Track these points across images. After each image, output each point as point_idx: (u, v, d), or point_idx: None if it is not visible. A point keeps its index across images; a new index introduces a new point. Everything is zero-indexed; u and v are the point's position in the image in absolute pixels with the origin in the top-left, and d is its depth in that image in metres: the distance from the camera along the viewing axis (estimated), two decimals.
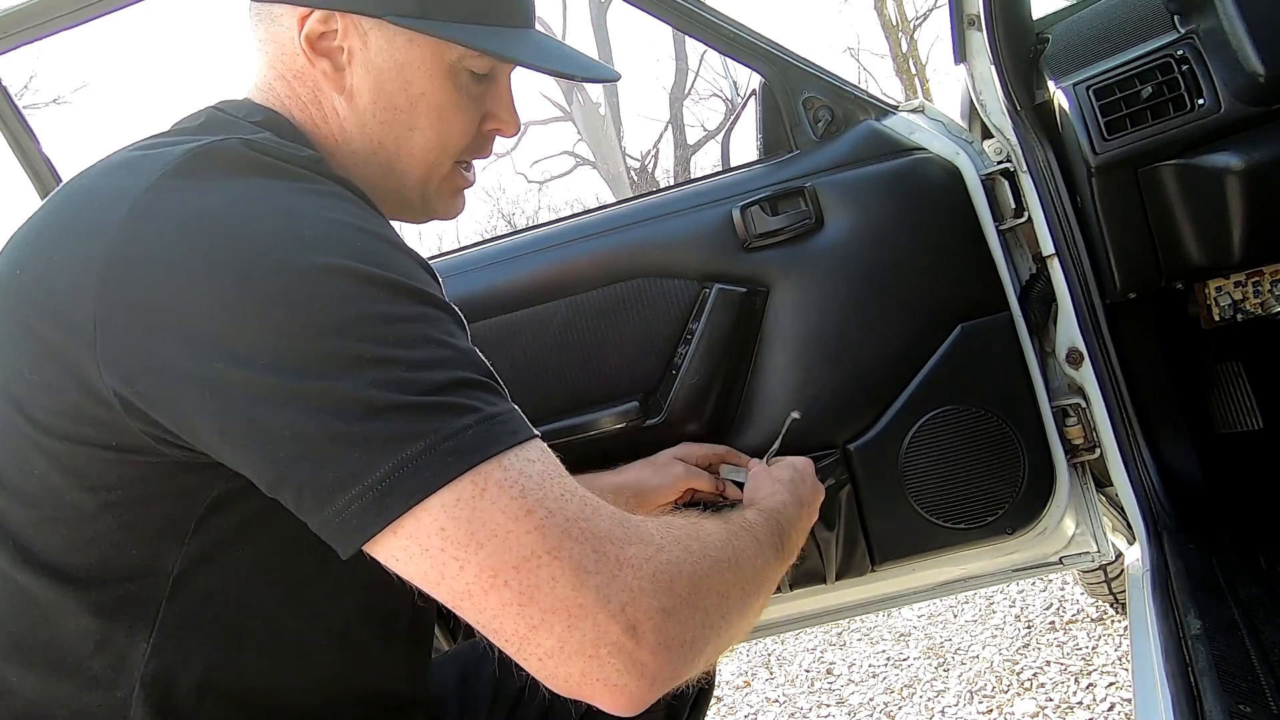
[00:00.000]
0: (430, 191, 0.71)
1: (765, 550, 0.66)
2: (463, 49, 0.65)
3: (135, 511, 0.53)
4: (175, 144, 0.55)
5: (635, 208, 1.15)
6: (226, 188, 0.52)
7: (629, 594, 0.47)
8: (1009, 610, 2.12)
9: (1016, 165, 1.08)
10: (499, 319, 1.13)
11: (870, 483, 1.08)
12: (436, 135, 0.68)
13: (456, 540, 0.46)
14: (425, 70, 0.65)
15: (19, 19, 1.13)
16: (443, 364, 0.50)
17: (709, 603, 0.52)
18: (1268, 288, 1.07)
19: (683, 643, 0.49)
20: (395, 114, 0.66)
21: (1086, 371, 1.07)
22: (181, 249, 0.49)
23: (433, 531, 0.46)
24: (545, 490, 0.48)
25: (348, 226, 0.52)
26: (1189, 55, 0.97)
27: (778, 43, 1.13)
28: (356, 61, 0.65)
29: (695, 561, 0.53)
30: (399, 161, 0.68)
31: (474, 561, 0.46)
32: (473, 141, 0.71)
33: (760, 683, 2.20)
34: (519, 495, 0.47)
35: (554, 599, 0.46)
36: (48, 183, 1.29)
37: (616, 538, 0.49)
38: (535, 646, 0.47)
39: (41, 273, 0.52)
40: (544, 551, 0.46)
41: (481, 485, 0.47)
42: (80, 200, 0.54)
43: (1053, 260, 1.07)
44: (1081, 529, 1.12)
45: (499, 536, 0.46)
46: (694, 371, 1.08)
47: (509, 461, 0.48)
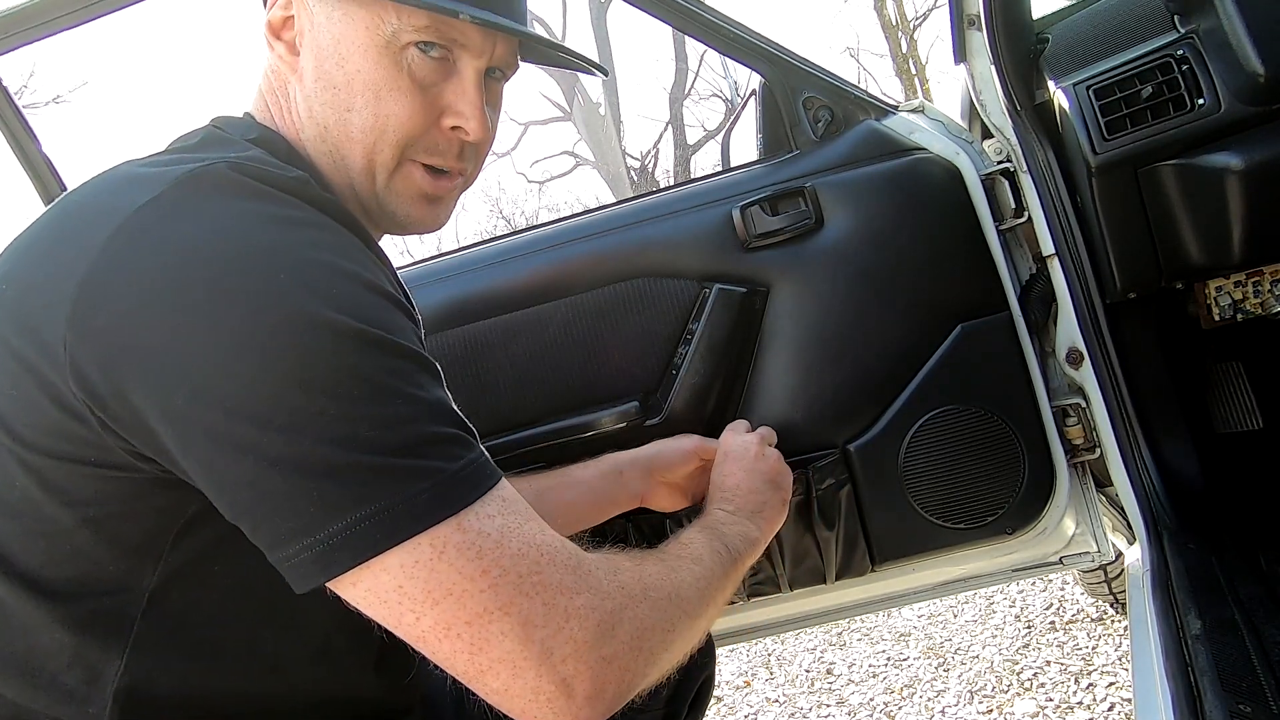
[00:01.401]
0: (381, 188, 0.67)
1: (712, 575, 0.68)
2: (397, 23, 0.62)
3: (113, 527, 0.53)
4: (168, 166, 0.54)
5: (635, 208, 1.15)
6: (207, 217, 0.51)
7: (572, 646, 0.51)
8: (1009, 610, 2.12)
9: (1016, 165, 1.08)
10: (499, 319, 1.13)
11: (870, 483, 1.08)
12: (373, 115, 0.63)
13: (413, 596, 0.49)
14: (359, 44, 0.62)
15: (19, 19, 1.13)
16: (409, 420, 0.50)
17: (651, 642, 0.56)
18: (1268, 288, 1.07)
19: (619, 686, 0.53)
20: (335, 93, 0.64)
21: (1086, 371, 1.07)
22: (155, 280, 0.49)
23: (390, 587, 0.49)
24: (501, 549, 0.50)
25: (324, 268, 0.52)
26: (1189, 55, 0.97)
27: (778, 43, 1.13)
28: (306, 41, 0.65)
29: (638, 604, 0.56)
30: (342, 147, 0.65)
31: (430, 616, 0.49)
32: (426, 135, 0.66)
33: (760, 683, 2.20)
34: (475, 557, 0.49)
35: (501, 651, 0.49)
36: (48, 183, 1.29)
37: (567, 588, 0.52)
38: (482, 685, 0.51)
39: (23, 289, 0.52)
40: (495, 608, 0.49)
41: (439, 548, 0.49)
42: (70, 218, 0.54)
43: (1053, 260, 1.07)
44: (1081, 529, 1.12)
45: (454, 595, 0.49)
46: (694, 371, 1.08)
47: (468, 522, 0.50)
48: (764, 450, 0.94)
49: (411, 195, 0.68)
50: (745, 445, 0.93)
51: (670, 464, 0.98)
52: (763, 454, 0.92)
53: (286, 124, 0.67)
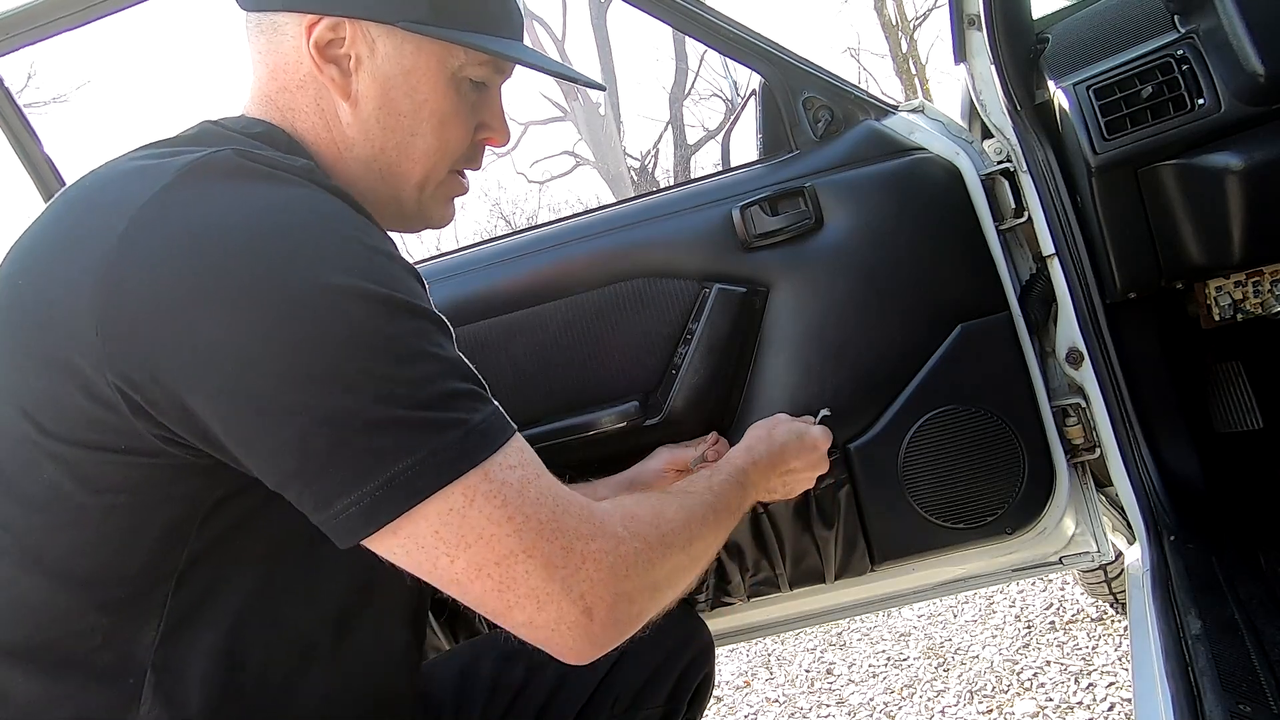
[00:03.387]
0: (426, 198, 0.73)
1: (721, 517, 0.76)
2: (464, 58, 0.68)
3: (142, 514, 0.55)
4: (174, 155, 0.56)
5: (635, 208, 1.15)
6: (225, 199, 0.53)
7: (589, 584, 0.56)
8: (1009, 610, 2.12)
9: (1016, 165, 1.08)
10: (499, 319, 1.13)
11: (870, 482, 1.08)
12: (438, 141, 0.69)
13: (448, 540, 0.53)
14: (430, 77, 0.67)
15: (21, 20, 1.13)
16: (435, 377, 0.54)
17: (659, 579, 0.62)
18: (1268, 288, 1.07)
19: (631, 615, 0.59)
20: (399, 119, 0.68)
21: (1086, 371, 1.07)
22: (184, 261, 0.51)
23: (428, 533, 0.52)
24: (524, 496, 0.55)
25: (346, 240, 0.55)
26: (1189, 55, 0.97)
27: (778, 43, 1.13)
28: (364, 69, 0.66)
29: (651, 549, 0.61)
30: (399, 167, 0.70)
31: (463, 558, 0.53)
32: (467, 150, 0.73)
33: (760, 683, 2.20)
34: (501, 504, 0.54)
35: (527, 588, 0.54)
36: (49, 183, 1.29)
37: (583, 534, 0.57)
38: (509, 620, 0.55)
39: (41, 284, 0.54)
40: (520, 550, 0.54)
41: (470, 495, 0.53)
42: (79, 211, 0.55)
43: (1053, 260, 1.07)
44: (1081, 529, 1.12)
45: (484, 539, 0.53)
46: (694, 371, 1.08)
47: (493, 471, 0.54)
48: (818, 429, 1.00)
49: (447, 199, 0.75)
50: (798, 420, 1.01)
51: (652, 481, 1.01)
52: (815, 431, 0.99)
53: (330, 138, 0.68)
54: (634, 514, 0.63)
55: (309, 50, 0.65)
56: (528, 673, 0.86)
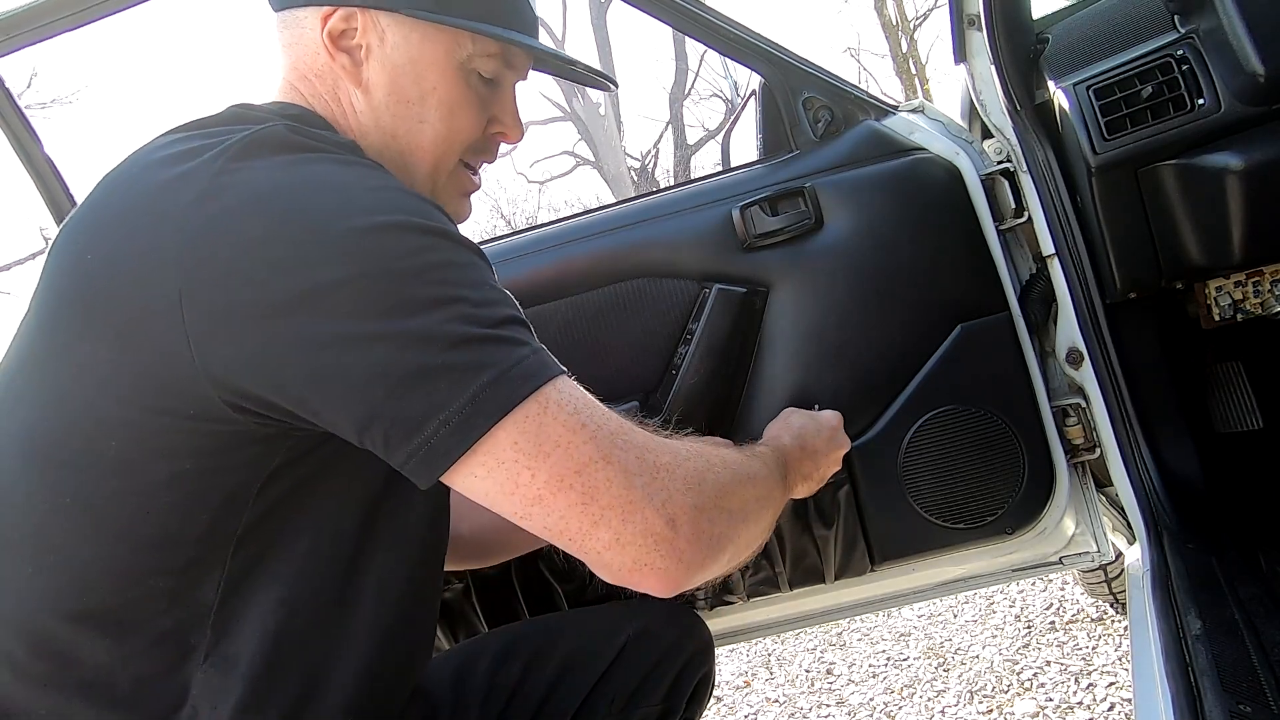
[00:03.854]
0: (438, 188, 0.75)
1: (773, 475, 0.76)
2: (472, 49, 0.70)
3: (206, 480, 0.57)
4: (224, 135, 0.59)
5: (635, 208, 1.15)
6: (287, 166, 0.57)
7: (668, 493, 0.57)
8: (1009, 610, 2.12)
9: (1016, 165, 1.08)
10: None
11: (870, 482, 1.08)
12: (446, 129, 0.71)
13: (528, 452, 0.54)
14: (437, 65, 0.69)
15: (21, 20, 1.13)
16: (498, 302, 0.57)
17: (731, 505, 0.62)
18: (1268, 288, 1.07)
19: (711, 536, 0.59)
20: (408, 107, 0.70)
21: (1086, 371, 1.07)
22: (257, 223, 0.53)
23: (507, 446, 0.54)
24: (591, 409, 0.57)
25: (398, 191, 0.59)
26: (1189, 55, 0.97)
27: (777, 43, 1.13)
28: (374, 57, 0.69)
29: (717, 471, 0.63)
30: (409, 155, 0.72)
31: (544, 469, 0.54)
32: (478, 143, 0.75)
33: (760, 683, 2.20)
34: (573, 413, 0.55)
35: (610, 497, 0.55)
36: (50, 184, 1.29)
37: (652, 447, 0.59)
38: (595, 540, 0.55)
39: (110, 259, 0.56)
40: (599, 458, 0.55)
41: (544, 405, 0.54)
42: (140, 189, 0.58)
43: (1053, 260, 1.07)
44: (1081, 529, 1.12)
45: (562, 447, 0.54)
46: (694, 371, 1.08)
47: (560, 384, 0.56)
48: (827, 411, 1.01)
49: (459, 193, 0.77)
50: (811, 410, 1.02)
51: None
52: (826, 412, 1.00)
53: (344, 126, 0.72)
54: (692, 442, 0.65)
55: (324, 40, 0.69)
56: (524, 671, 0.86)
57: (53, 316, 0.59)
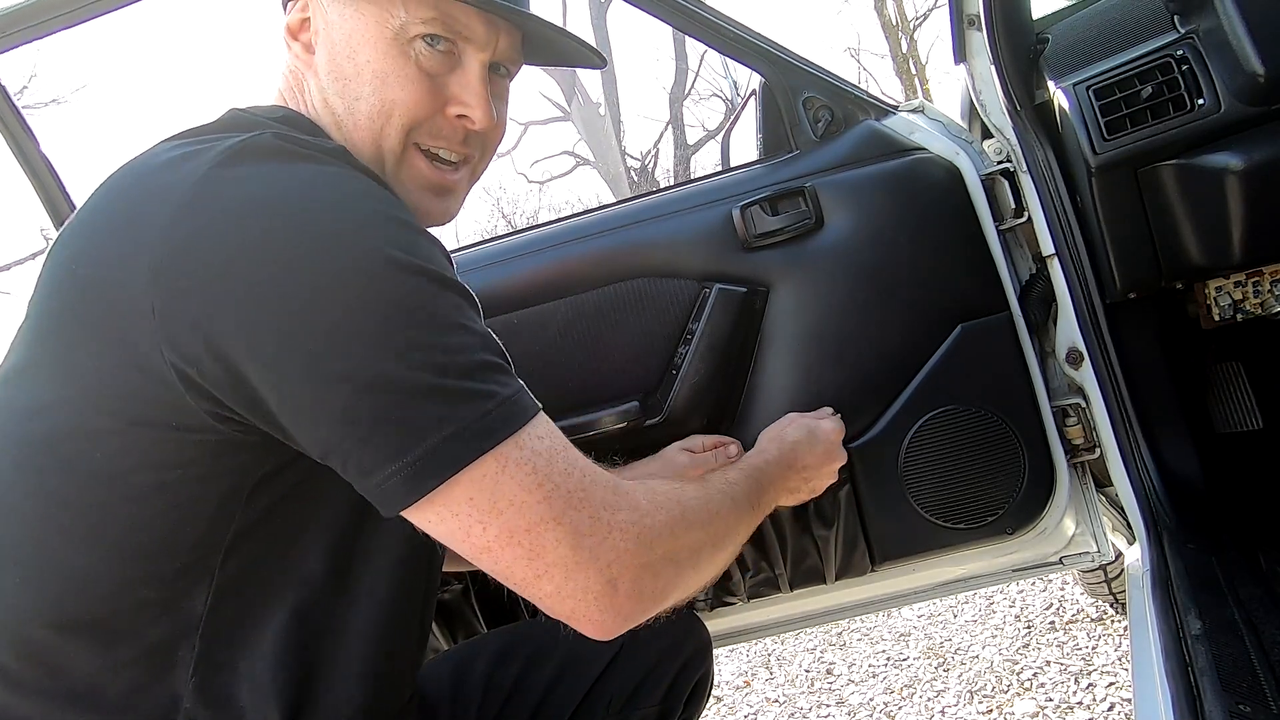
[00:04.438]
0: (390, 175, 0.70)
1: (740, 507, 0.77)
2: (405, 15, 0.66)
3: (192, 490, 0.57)
4: (216, 140, 0.58)
5: (635, 208, 1.15)
6: (271, 176, 0.56)
7: (615, 553, 0.57)
8: (1009, 610, 2.12)
9: (1016, 165, 1.08)
10: (499, 319, 1.12)
11: (870, 483, 1.07)
12: (379, 100, 0.67)
13: (481, 508, 0.54)
14: (368, 38, 0.67)
15: (17, 18, 1.13)
16: (471, 349, 0.56)
17: (682, 556, 0.63)
18: (1268, 288, 1.07)
19: (654, 591, 0.60)
20: (345, 83, 0.68)
21: (1086, 371, 1.07)
22: (237, 231, 0.53)
23: (462, 500, 0.54)
24: (553, 465, 0.57)
25: (385, 217, 0.57)
26: (1189, 55, 0.97)
27: (778, 43, 1.13)
28: (320, 39, 0.69)
29: (674, 524, 0.63)
30: (351, 135, 0.69)
31: (495, 524, 0.55)
32: (434, 123, 0.69)
33: (760, 683, 2.20)
34: (532, 471, 0.56)
35: (555, 556, 0.56)
36: (47, 183, 1.28)
37: (609, 504, 0.59)
38: (537, 589, 0.57)
39: (96, 266, 0.56)
40: (550, 518, 0.55)
41: (503, 463, 0.55)
42: (130, 195, 0.58)
43: (1053, 260, 1.07)
44: (1081, 529, 1.11)
45: (515, 505, 0.55)
46: (694, 371, 1.07)
47: (524, 440, 0.56)
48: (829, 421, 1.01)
49: (418, 185, 0.72)
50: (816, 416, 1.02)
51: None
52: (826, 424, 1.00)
53: (305, 113, 0.72)
54: (658, 490, 0.65)
55: (285, 33, 0.70)
56: (522, 672, 0.86)
57: (45, 325, 0.59)
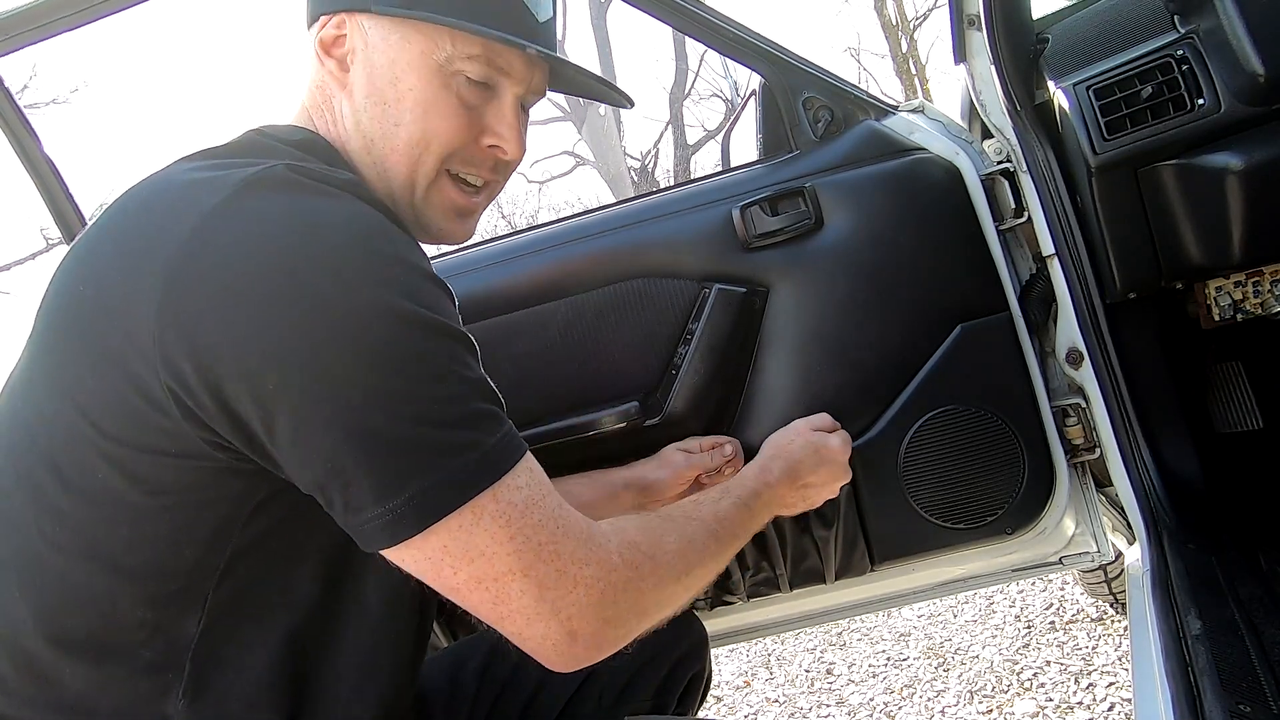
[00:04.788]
0: (419, 199, 0.72)
1: (724, 543, 0.77)
2: (452, 49, 0.68)
3: (190, 514, 0.58)
4: (230, 168, 0.58)
5: (635, 208, 1.15)
6: (280, 211, 0.56)
7: (578, 607, 0.59)
8: (1009, 610, 2.12)
9: (1016, 165, 1.08)
10: (499, 319, 1.13)
11: (870, 483, 1.08)
12: (420, 130, 0.69)
13: (453, 554, 0.56)
14: (413, 65, 0.68)
15: (21, 20, 1.13)
16: (460, 399, 0.57)
17: (647, 606, 0.64)
18: (1268, 288, 1.07)
19: (616, 639, 0.62)
20: (384, 108, 0.69)
21: (1086, 371, 1.07)
22: (239, 273, 0.53)
23: (436, 547, 0.56)
24: (526, 517, 0.58)
25: (390, 259, 0.57)
26: (1189, 55, 0.97)
27: (778, 43, 1.13)
28: (358, 59, 0.69)
29: (644, 578, 0.63)
30: (386, 159, 0.70)
31: (465, 570, 0.57)
32: (467, 151, 0.72)
33: (760, 683, 2.20)
34: (506, 523, 0.57)
35: (519, 605, 0.57)
36: (49, 183, 1.29)
37: (578, 558, 0.59)
38: (501, 627, 0.59)
39: (101, 287, 0.56)
40: (517, 570, 0.57)
41: (478, 515, 0.56)
42: (140, 218, 0.58)
43: (1053, 260, 1.07)
44: (1081, 529, 1.12)
45: (485, 556, 0.56)
46: (694, 371, 1.08)
47: (501, 492, 0.57)
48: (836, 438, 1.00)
49: (445, 208, 0.74)
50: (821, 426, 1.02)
51: (663, 489, 1.02)
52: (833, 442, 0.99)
53: (332, 135, 0.72)
54: (633, 541, 0.65)
55: (316, 48, 0.70)
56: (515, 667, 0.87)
57: (51, 339, 0.59)
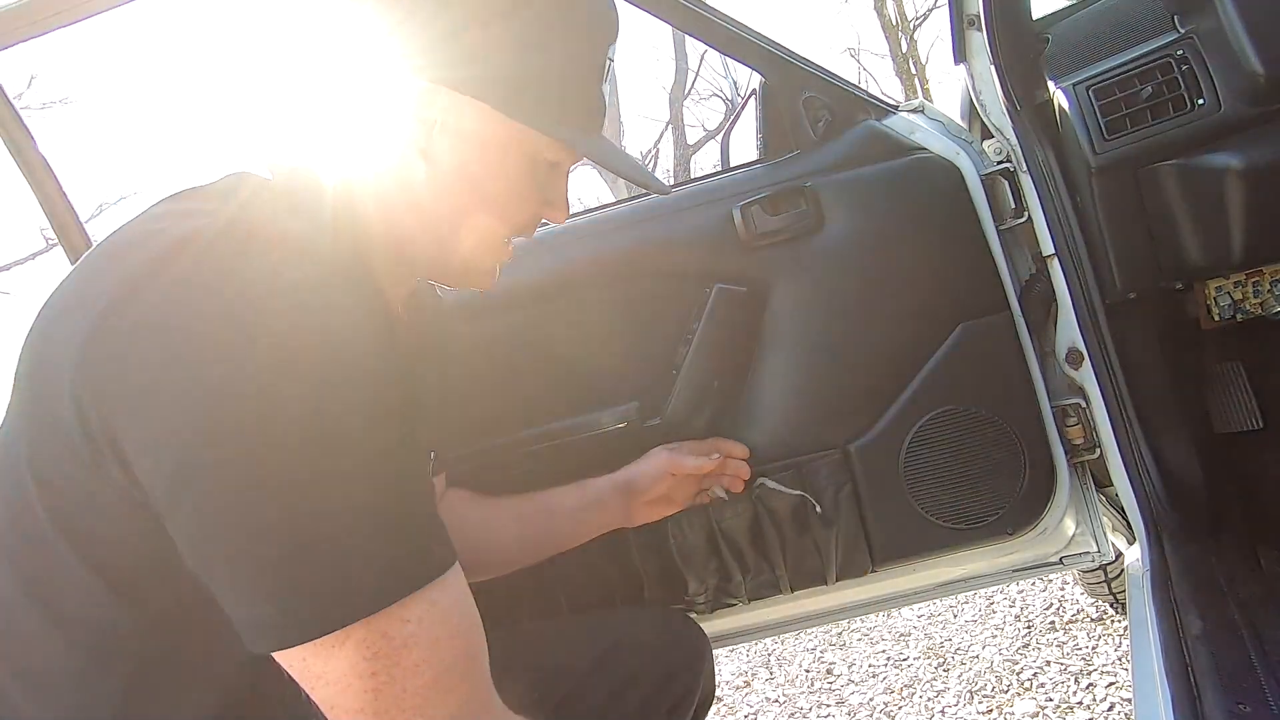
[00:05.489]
0: (473, 263, 0.73)
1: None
2: (544, 141, 0.68)
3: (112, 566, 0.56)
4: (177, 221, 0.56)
5: (635, 208, 1.15)
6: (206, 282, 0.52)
7: None
8: (1009, 610, 2.12)
9: (1016, 165, 1.08)
10: (499, 319, 1.12)
11: (871, 483, 1.07)
12: (503, 213, 0.70)
13: (312, 671, 0.51)
14: (510, 154, 0.68)
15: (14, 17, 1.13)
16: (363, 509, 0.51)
17: None
18: (1268, 288, 1.07)
19: None
20: (472, 184, 0.68)
21: (1086, 371, 1.07)
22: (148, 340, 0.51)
23: (297, 658, 0.51)
24: (399, 656, 0.51)
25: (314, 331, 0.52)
26: (1189, 55, 0.97)
27: (778, 42, 1.13)
28: (446, 130, 0.66)
29: None
30: (459, 230, 0.69)
31: (319, 692, 0.51)
32: (527, 224, 0.74)
33: (760, 683, 2.20)
34: (370, 656, 0.50)
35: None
36: (44, 182, 1.28)
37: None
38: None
39: (46, 348, 0.56)
40: (371, 711, 0.50)
41: (342, 640, 0.50)
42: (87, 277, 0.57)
43: (1053, 260, 1.07)
44: (1081, 529, 1.12)
45: (340, 684, 0.50)
46: (695, 371, 1.07)
47: (377, 623, 0.50)
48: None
49: (492, 267, 0.75)
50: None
51: (646, 488, 1.02)
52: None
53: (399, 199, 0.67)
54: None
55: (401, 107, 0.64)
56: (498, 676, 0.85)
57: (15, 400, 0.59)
